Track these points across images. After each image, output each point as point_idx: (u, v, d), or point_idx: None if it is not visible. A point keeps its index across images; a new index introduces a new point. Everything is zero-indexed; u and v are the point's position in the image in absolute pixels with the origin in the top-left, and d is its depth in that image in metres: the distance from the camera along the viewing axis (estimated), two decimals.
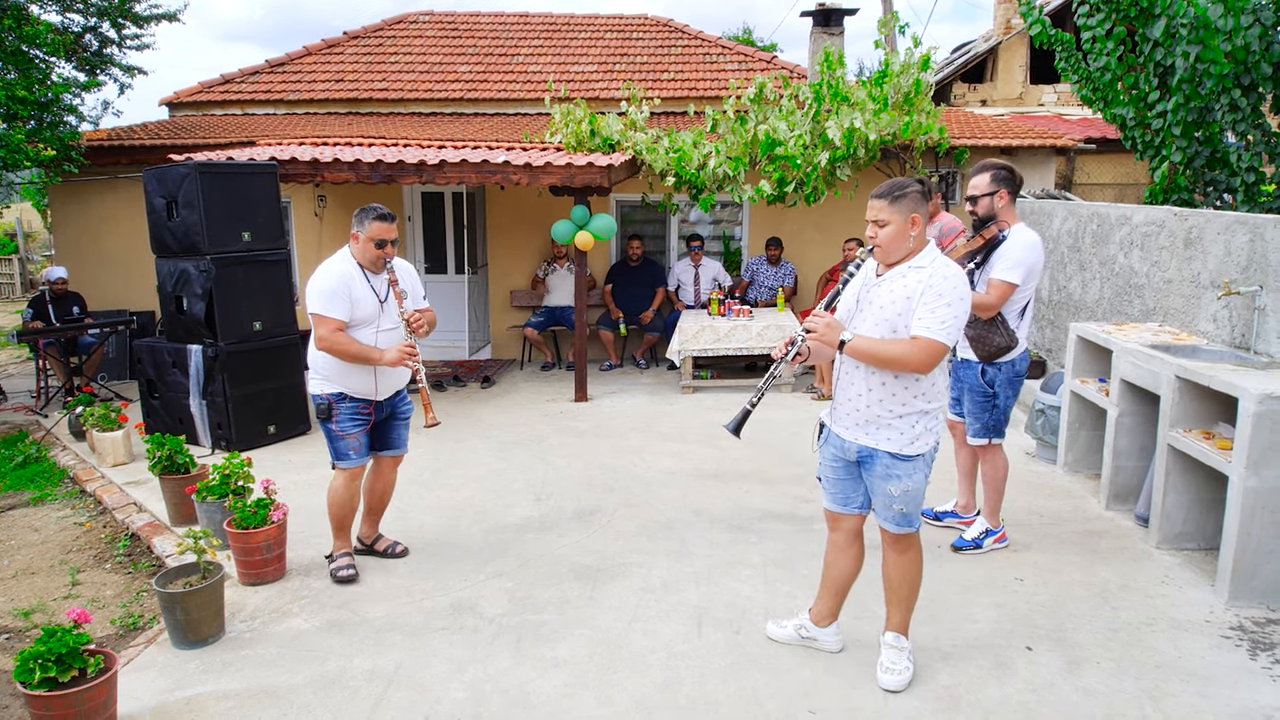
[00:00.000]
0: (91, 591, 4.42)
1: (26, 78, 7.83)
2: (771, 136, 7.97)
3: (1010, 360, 4.13)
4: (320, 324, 3.92)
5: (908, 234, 2.91)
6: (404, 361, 3.95)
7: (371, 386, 4.05)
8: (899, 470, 2.98)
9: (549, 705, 3.11)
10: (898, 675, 3.15)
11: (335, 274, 3.95)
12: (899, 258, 2.96)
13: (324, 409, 4.03)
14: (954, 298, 2.85)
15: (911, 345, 2.86)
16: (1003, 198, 4.15)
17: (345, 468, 4.11)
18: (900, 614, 3.22)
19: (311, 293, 3.94)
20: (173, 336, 6.43)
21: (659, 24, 13.10)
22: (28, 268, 19.63)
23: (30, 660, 2.84)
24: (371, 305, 4.00)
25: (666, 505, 5.04)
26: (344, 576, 4.11)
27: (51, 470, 6.30)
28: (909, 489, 3.00)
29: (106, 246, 9.57)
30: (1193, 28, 6.02)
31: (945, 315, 2.83)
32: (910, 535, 3.12)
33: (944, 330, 2.83)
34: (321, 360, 4.01)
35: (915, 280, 2.90)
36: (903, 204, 2.90)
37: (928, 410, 2.99)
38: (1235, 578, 3.72)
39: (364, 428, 4.11)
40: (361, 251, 4.00)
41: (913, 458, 2.98)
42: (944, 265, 2.91)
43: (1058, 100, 15.20)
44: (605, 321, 9.04)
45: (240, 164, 6.60)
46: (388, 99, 11.27)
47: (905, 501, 3.03)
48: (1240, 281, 4.67)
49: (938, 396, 3.01)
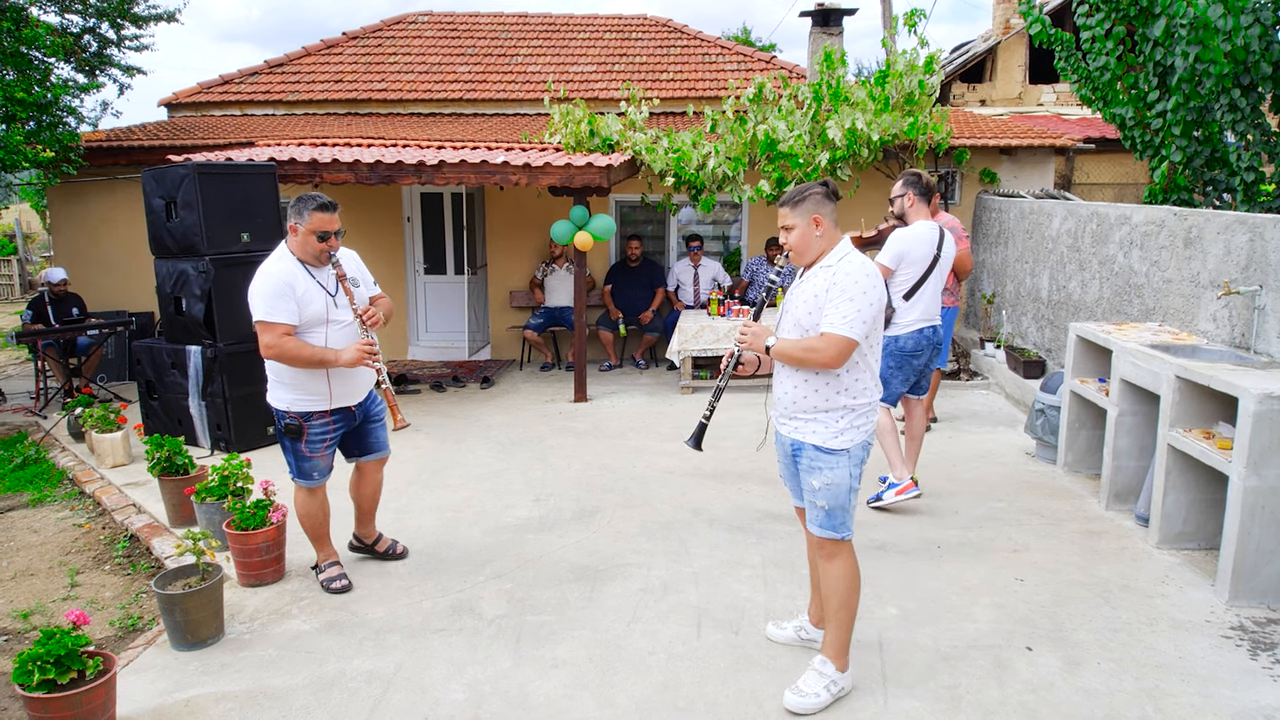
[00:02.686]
0: (90, 593, 4.42)
1: (25, 79, 7.82)
2: (771, 137, 7.96)
3: (895, 336, 4.72)
4: (266, 330, 3.63)
5: (813, 235, 2.99)
6: (364, 361, 3.70)
7: (331, 393, 3.81)
8: (821, 463, 2.99)
9: (548, 706, 3.10)
10: (801, 698, 3.01)
11: (274, 274, 3.68)
12: (812, 259, 3.03)
13: (294, 429, 3.80)
14: (856, 292, 2.88)
15: (820, 342, 2.91)
16: (910, 199, 4.81)
17: (305, 486, 3.95)
18: (832, 632, 3.09)
19: (253, 296, 3.67)
20: (171, 337, 6.43)
21: (658, 24, 13.10)
22: (26, 269, 19.62)
23: (29, 662, 2.83)
24: (319, 303, 3.72)
25: (666, 505, 5.04)
26: (337, 588, 3.97)
27: (50, 471, 6.30)
28: (830, 483, 2.98)
29: (105, 247, 9.56)
30: (1192, 27, 6.02)
31: (848, 310, 2.87)
32: (836, 542, 3.04)
33: (847, 324, 2.87)
34: (278, 368, 3.76)
35: (822, 279, 2.95)
36: (803, 207, 2.98)
37: (853, 407, 2.99)
38: (1235, 577, 3.72)
39: (334, 442, 3.92)
40: (301, 246, 3.73)
41: (837, 451, 2.98)
42: (849, 262, 2.95)
43: (1057, 100, 15.20)
44: (604, 322, 9.03)
45: (239, 165, 6.59)
46: (387, 99, 11.27)
47: (827, 497, 2.99)
48: (1240, 281, 4.67)
49: (863, 393, 3.01)
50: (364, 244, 9.02)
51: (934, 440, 6.21)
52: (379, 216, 9.56)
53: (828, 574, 3.08)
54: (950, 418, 6.74)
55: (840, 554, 3.06)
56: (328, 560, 4.10)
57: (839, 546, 3.05)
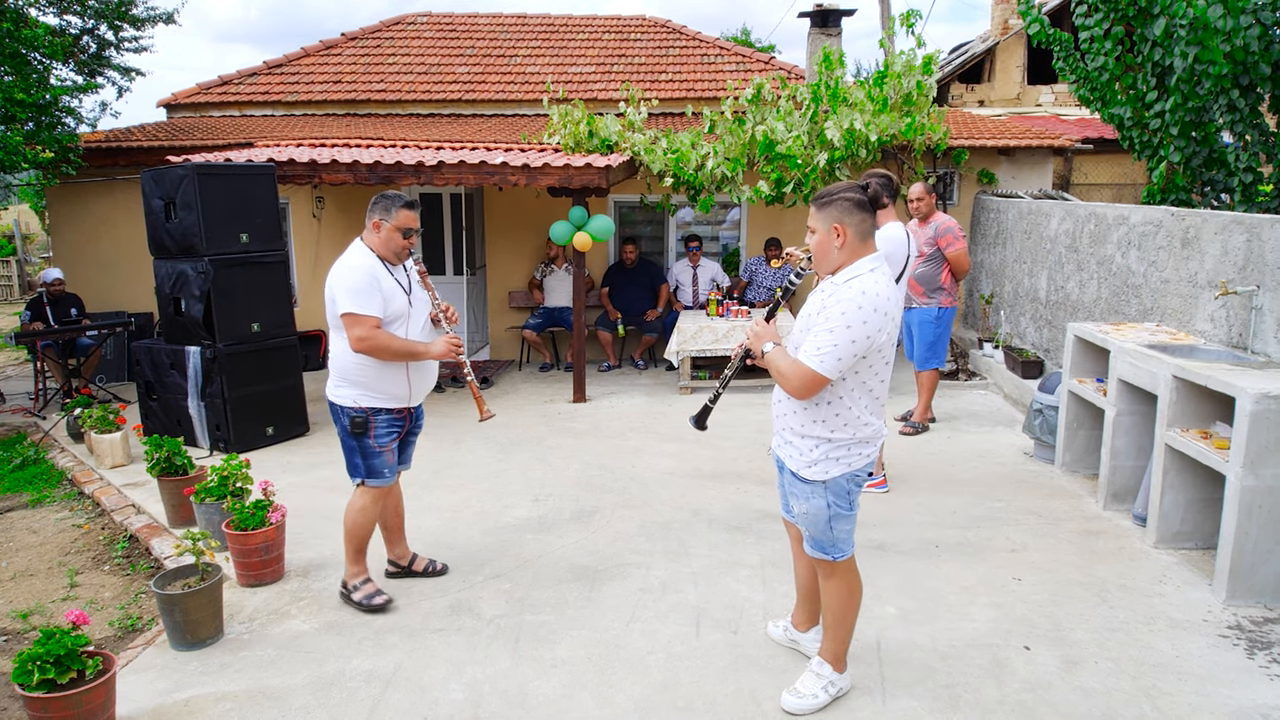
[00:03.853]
0: (90, 593, 4.42)
1: (24, 80, 7.83)
2: (769, 137, 7.97)
3: None
4: (356, 324, 3.58)
5: (831, 244, 2.73)
6: (452, 354, 3.72)
7: (407, 391, 3.78)
8: (797, 490, 2.88)
9: (548, 706, 3.11)
10: (798, 699, 3.00)
11: (360, 268, 3.64)
12: (829, 269, 2.78)
13: (360, 423, 3.69)
14: (839, 324, 2.61)
15: (792, 368, 2.71)
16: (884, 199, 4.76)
17: (377, 485, 3.81)
18: (829, 641, 3.05)
19: (341, 291, 3.62)
20: (171, 338, 6.43)
21: (657, 25, 13.11)
22: (26, 270, 19.62)
23: (29, 662, 2.83)
24: (401, 300, 3.72)
25: (665, 506, 5.05)
26: (379, 603, 3.80)
27: (50, 472, 6.30)
28: (806, 511, 2.86)
29: (104, 248, 9.56)
30: (1191, 28, 6.02)
31: (824, 341, 2.63)
32: (826, 563, 2.94)
33: (818, 357, 2.63)
34: (354, 366, 3.68)
35: (824, 297, 2.73)
36: (828, 212, 2.73)
37: (830, 439, 2.78)
38: (1233, 577, 3.72)
39: (398, 439, 3.85)
40: (385, 242, 3.70)
41: (810, 482, 2.82)
42: (852, 287, 2.66)
43: (1055, 101, 15.22)
44: (603, 322, 9.04)
45: (238, 165, 6.60)
46: (386, 100, 11.28)
47: (806, 524, 2.88)
48: (1237, 281, 4.68)
49: (844, 428, 2.76)
50: None
51: (932, 440, 6.22)
52: None
53: (823, 590, 3.01)
54: (949, 418, 6.75)
55: (835, 574, 2.95)
56: (362, 577, 3.90)
57: (833, 567, 2.95)
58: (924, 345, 6.24)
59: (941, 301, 6.29)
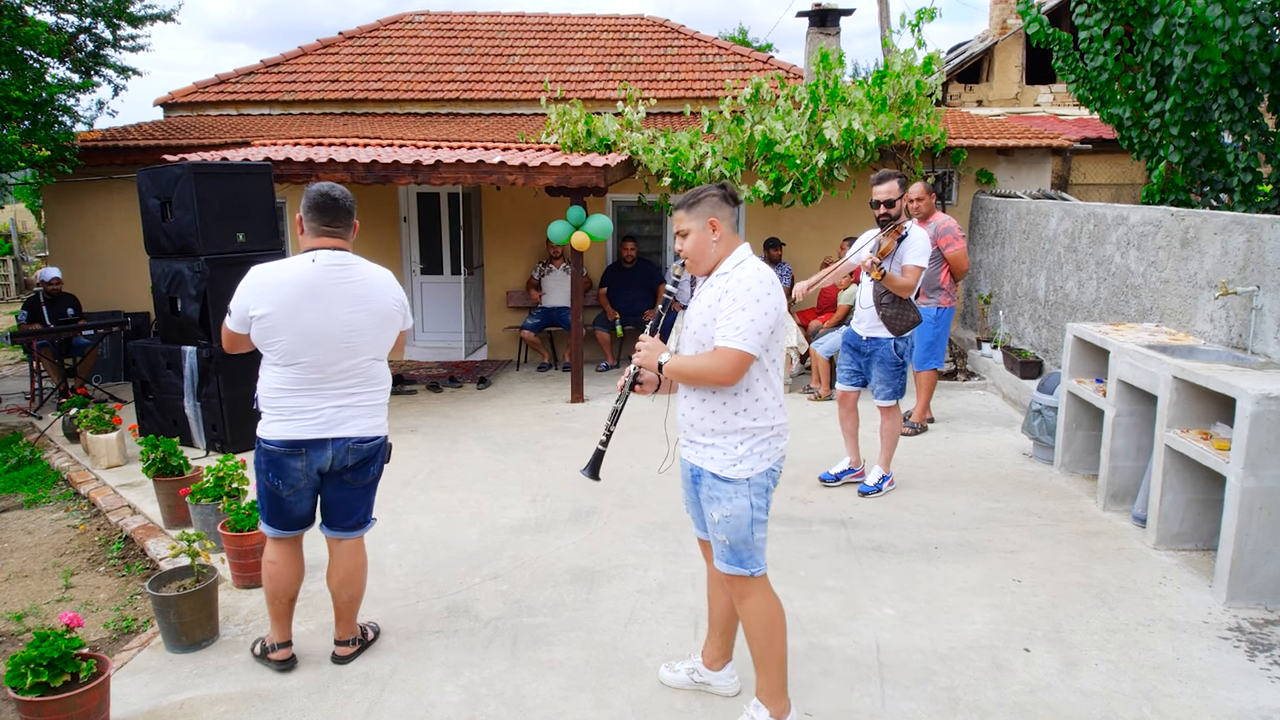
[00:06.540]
0: (85, 595, 4.40)
1: (21, 78, 7.80)
2: (768, 137, 7.96)
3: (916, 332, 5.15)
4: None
5: (709, 240, 2.76)
6: None
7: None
8: (719, 492, 2.74)
9: (545, 708, 3.09)
10: None
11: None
12: (709, 266, 2.80)
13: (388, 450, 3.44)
14: (749, 300, 2.63)
15: (713, 357, 2.66)
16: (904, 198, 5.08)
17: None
18: (762, 677, 2.82)
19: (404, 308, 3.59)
20: (167, 338, 6.41)
21: (655, 24, 13.10)
22: (22, 269, 19.58)
23: (22, 665, 2.81)
24: None
25: (663, 506, 5.03)
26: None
27: (45, 472, 6.27)
28: (729, 514, 2.72)
29: (101, 247, 9.54)
30: (1191, 27, 6.02)
31: (740, 320, 2.62)
32: (743, 579, 2.77)
33: (740, 336, 2.62)
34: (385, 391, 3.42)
35: (717, 288, 2.73)
36: (699, 210, 2.77)
37: (752, 430, 2.73)
38: (1233, 578, 3.71)
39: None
40: None
41: (734, 481, 2.72)
42: (744, 269, 2.71)
43: (1054, 100, 15.23)
44: (601, 322, 9.02)
45: (235, 164, 6.57)
46: (383, 99, 11.26)
47: (727, 531, 2.73)
48: (1237, 281, 4.67)
49: (763, 414, 2.74)
50: (361, 244, 8.99)
51: (931, 441, 6.21)
52: (375, 217, 9.54)
53: (743, 615, 2.81)
54: (947, 418, 6.74)
55: (752, 592, 2.78)
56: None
57: (749, 584, 2.78)
58: (923, 345, 6.22)
59: (940, 301, 6.28)
